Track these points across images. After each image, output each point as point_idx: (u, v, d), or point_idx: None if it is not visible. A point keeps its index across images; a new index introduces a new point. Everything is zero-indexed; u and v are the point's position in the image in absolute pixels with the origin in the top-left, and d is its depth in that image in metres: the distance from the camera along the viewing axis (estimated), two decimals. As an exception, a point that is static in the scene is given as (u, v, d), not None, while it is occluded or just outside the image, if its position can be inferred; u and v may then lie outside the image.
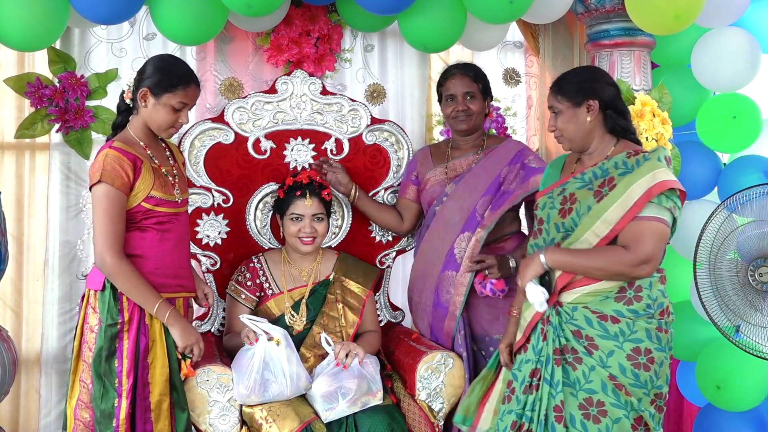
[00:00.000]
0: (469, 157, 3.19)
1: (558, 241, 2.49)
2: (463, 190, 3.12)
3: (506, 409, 2.53)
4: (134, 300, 2.53)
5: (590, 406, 2.37)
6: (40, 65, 3.23)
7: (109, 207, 2.50)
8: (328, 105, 3.31)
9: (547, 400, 2.40)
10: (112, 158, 2.51)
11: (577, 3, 3.32)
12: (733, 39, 3.35)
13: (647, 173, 2.35)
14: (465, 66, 3.22)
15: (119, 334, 2.53)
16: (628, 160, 2.43)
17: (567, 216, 2.47)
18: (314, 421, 2.70)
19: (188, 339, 2.57)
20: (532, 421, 2.42)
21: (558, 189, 2.55)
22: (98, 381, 2.53)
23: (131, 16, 2.91)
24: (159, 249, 2.59)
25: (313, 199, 3.03)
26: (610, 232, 2.37)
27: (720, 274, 3.02)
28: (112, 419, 2.52)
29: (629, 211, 2.34)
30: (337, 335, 3.02)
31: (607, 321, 2.39)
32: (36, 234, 3.32)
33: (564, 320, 2.43)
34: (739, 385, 3.27)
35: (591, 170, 2.47)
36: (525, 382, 2.47)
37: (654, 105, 3.18)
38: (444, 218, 3.12)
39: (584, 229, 2.41)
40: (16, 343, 3.06)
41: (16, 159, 3.30)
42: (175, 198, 2.64)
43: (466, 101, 3.13)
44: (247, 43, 3.48)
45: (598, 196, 2.40)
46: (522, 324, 2.56)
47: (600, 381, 2.37)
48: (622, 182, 2.37)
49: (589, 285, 2.41)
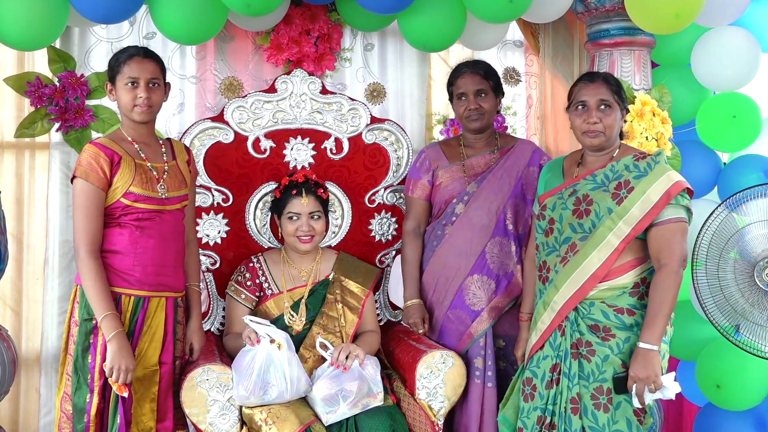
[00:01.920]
0: (486, 156, 3.18)
1: (574, 241, 2.60)
2: (488, 192, 3.10)
3: (530, 406, 2.65)
4: (89, 301, 2.52)
5: (600, 395, 2.53)
6: (40, 64, 3.23)
7: (84, 202, 2.52)
8: (328, 104, 3.31)
9: (566, 393, 2.56)
10: (89, 154, 2.55)
11: (577, 2, 3.32)
12: (733, 38, 3.35)
13: (662, 175, 2.53)
14: (475, 63, 3.19)
15: (94, 329, 2.54)
16: (638, 164, 2.58)
17: (585, 217, 2.59)
18: (314, 423, 2.70)
19: (116, 361, 2.48)
20: (554, 414, 2.58)
21: (568, 190, 2.66)
22: (75, 375, 2.56)
23: (131, 15, 2.91)
24: (138, 246, 2.59)
25: (309, 197, 3.03)
26: (632, 231, 2.52)
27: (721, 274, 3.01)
28: (83, 414, 2.53)
29: (649, 212, 2.51)
30: (336, 335, 3.02)
31: (623, 314, 2.55)
32: (36, 233, 3.32)
33: (581, 315, 2.59)
34: (739, 384, 3.27)
35: (602, 172, 2.61)
36: (546, 378, 2.61)
37: (654, 104, 3.18)
38: (470, 220, 3.10)
39: (606, 230, 2.54)
40: (16, 343, 3.06)
41: (16, 158, 3.31)
42: (158, 194, 2.63)
43: (477, 99, 3.10)
44: (246, 42, 3.49)
45: (616, 199, 2.55)
46: (540, 327, 2.66)
47: (612, 370, 2.52)
48: (639, 185, 2.53)
49: (606, 281, 2.57)
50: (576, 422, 2.53)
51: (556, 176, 2.76)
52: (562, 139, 3.97)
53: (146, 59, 2.62)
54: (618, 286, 2.57)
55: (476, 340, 3.08)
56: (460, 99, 3.13)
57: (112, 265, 2.57)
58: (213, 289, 3.21)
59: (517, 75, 4.00)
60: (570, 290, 2.59)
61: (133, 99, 2.59)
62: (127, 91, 2.59)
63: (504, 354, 3.14)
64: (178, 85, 3.40)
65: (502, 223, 3.10)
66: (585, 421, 2.54)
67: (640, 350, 2.47)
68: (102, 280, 2.52)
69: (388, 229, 3.39)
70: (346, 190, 3.33)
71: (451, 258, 3.12)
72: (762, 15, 3.43)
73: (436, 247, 3.16)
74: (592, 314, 2.57)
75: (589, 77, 2.70)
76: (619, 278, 2.57)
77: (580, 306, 2.58)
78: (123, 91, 2.60)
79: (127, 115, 2.64)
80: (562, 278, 2.61)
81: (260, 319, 2.85)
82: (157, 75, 2.63)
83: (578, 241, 2.59)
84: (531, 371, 2.68)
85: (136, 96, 2.59)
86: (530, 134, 4.03)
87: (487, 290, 3.08)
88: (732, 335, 3.04)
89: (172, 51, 3.40)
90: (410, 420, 2.87)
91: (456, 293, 3.10)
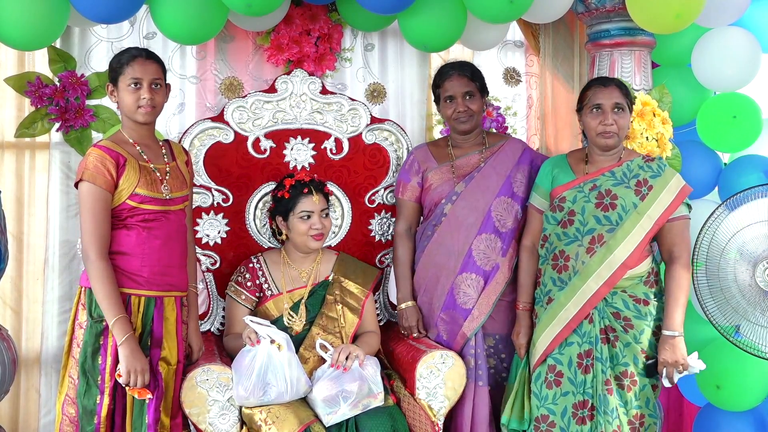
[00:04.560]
0: (474, 156, 3.19)
1: (601, 233, 2.82)
2: (476, 191, 3.12)
3: (558, 392, 2.85)
4: (99, 304, 2.52)
5: (624, 378, 2.81)
6: (40, 64, 3.23)
7: (93, 205, 2.52)
8: (328, 104, 3.31)
9: (601, 376, 2.80)
10: (94, 157, 2.55)
11: (577, 2, 3.32)
12: (733, 39, 3.35)
13: (672, 177, 2.86)
14: (461, 65, 3.20)
15: (104, 331, 2.54)
16: (651, 165, 2.88)
17: (611, 210, 2.84)
18: (314, 424, 2.70)
19: (131, 364, 2.50)
20: (593, 397, 2.81)
21: (588, 184, 2.88)
22: (83, 377, 2.55)
23: (131, 15, 2.91)
24: (145, 247, 2.60)
25: (319, 195, 3.04)
26: (654, 226, 2.80)
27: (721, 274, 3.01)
28: (93, 416, 2.53)
29: (667, 209, 2.81)
30: (336, 336, 3.02)
31: (640, 303, 2.82)
32: (36, 233, 3.32)
33: (606, 303, 2.83)
34: (739, 384, 3.27)
35: (620, 169, 2.88)
36: (574, 363, 2.83)
37: (654, 105, 3.17)
38: (457, 218, 3.11)
39: (633, 223, 2.80)
40: (16, 343, 3.06)
41: (16, 158, 3.30)
42: (162, 195, 2.63)
43: (465, 101, 3.11)
44: (247, 42, 3.48)
45: (639, 195, 2.83)
46: (564, 317, 2.84)
47: (632, 356, 2.81)
48: (657, 184, 2.83)
49: (627, 271, 2.81)
50: (612, 401, 2.79)
51: (565, 172, 2.95)
52: (562, 139, 3.97)
53: (149, 60, 2.63)
54: (636, 275, 2.83)
55: (469, 339, 3.08)
56: (447, 101, 3.14)
57: (120, 267, 2.58)
58: (213, 289, 3.21)
59: (517, 75, 4.00)
60: (601, 279, 2.80)
61: (136, 100, 2.59)
62: (130, 93, 2.59)
63: (494, 352, 3.15)
64: (178, 85, 3.40)
65: (488, 220, 3.10)
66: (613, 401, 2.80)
67: (667, 338, 2.76)
68: (112, 282, 2.52)
69: (388, 229, 3.39)
70: (346, 190, 3.33)
71: (440, 257, 3.12)
72: (762, 15, 3.43)
73: (426, 247, 3.17)
74: (615, 303, 2.83)
75: (602, 82, 2.90)
76: (638, 267, 2.82)
77: (606, 295, 2.81)
78: (126, 92, 2.60)
79: (129, 117, 2.64)
80: (592, 268, 2.81)
81: (260, 319, 2.85)
82: (159, 76, 2.64)
83: (605, 233, 2.82)
84: (554, 359, 2.86)
85: (139, 97, 2.59)
86: (530, 134, 4.02)
87: (476, 288, 3.09)
88: (732, 335, 3.04)
89: (173, 51, 3.40)
90: (410, 420, 2.87)
91: (447, 293, 3.11)
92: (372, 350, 3.06)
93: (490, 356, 3.15)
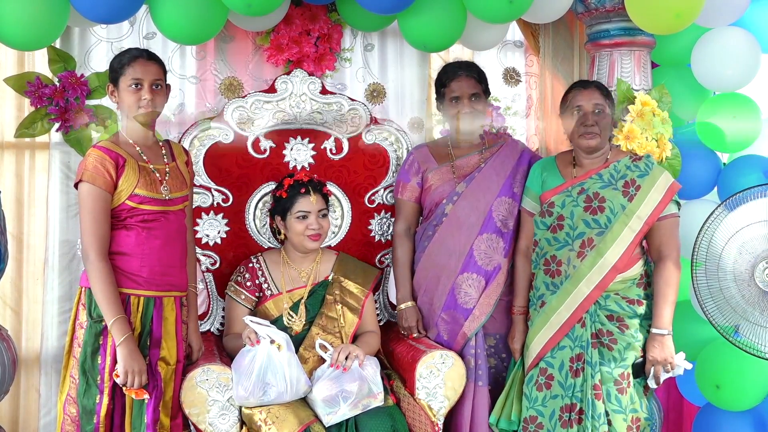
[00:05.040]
0: (474, 156, 3.19)
1: (590, 237, 2.82)
2: (477, 191, 3.12)
3: (547, 395, 2.84)
4: (99, 304, 2.53)
5: (623, 380, 2.79)
6: (40, 64, 3.23)
7: (92, 206, 2.53)
8: (328, 104, 3.31)
9: (590, 380, 2.78)
10: (94, 157, 2.55)
11: (577, 2, 3.32)
12: (733, 39, 3.34)
13: (661, 175, 2.84)
14: (469, 66, 3.21)
15: (104, 331, 2.55)
16: (638, 164, 2.87)
17: (599, 213, 2.83)
18: (313, 424, 2.70)
19: (129, 364, 2.50)
20: (581, 401, 2.80)
21: (576, 188, 2.87)
22: (83, 377, 2.56)
23: (131, 15, 2.91)
24: (145, 247, 2.60)
25: (317, 195, 3.03)
26: (644, 226, 2.80)
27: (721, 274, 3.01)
28: (92, 416, 2.54)
29: (656, 208, 2.80)
30: (335, 336, 3.02)
31: (634, 304, 2.82)
32: (36, 233, 3.32)
33: (599, 307, 2.82)
34: (739, 384, 3.26)
35: (607, 171, 2.87)
36: (565, 367, 2.82)
37: (654, 105, 3.17)
38: (458, 218, 3.11)
39: (622, 225, 2.79)
40: (16, 343, 3.06)
41: (16, 158, 3.31)
42: (162, 196, 2.64)
43: (471, 103, 3.12)
44: (247, 42, 3.48)
45: (627, 196, 2.82)
46: (555, 321, 2.83)
47: (633, 356, 2.80)
48: (645, 183, 2.82)
49: (620, 274, 2.80)
50: (599, 407, 2.77)
51: (554, 175, 2.95)
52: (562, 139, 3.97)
53: (150, 61, 2.63)
54: (629, 278, 2.83)
55: (470, 339, 3.08)
56: (453, 101, 3.14)
57: (119, 267, 2.58)
58: (213, 289, 3.22)
59: (517, 75, 4.00)
60: (592, 283, 2.79)
61: (137, 101, 2.60)
62: (131, 93, 2.60)
63: (495, 352, 3.15)
64: (178, 85, 3.40)
65: (489, 220, 3.10)
66: (608, 405, 2.77)
67: (655, 336, 2.77)
68: (112, 283, 2.53)
69: (388, 230, 3.39)
70: (345, 190, 3.34)
71: (441, 257, 3.12)
72: (762, 15, 3.42)
73: (426, 248, 3.17)
74: (608, 305, 2.82)
75: (582, 84, 2.93)
76: (630, 270, 2.82)
77: (598, 298, 2.80)
78: (127, 93, 2.60)
79: (130, 117, 2.64)
80: (583, 272, 2.81)
81: (260, 319, 2.86)
82: (160, 77, 2.65)
83: (595, 236, 2.82)
84: (546, 362, 2.86)
85: (140, 98, 2.60)
86: (530, 134, 4.02)
87: (477, 288, 3.09)
88: (731, 336, 3.04)
89: (172, 51, 3.40)
90: (410, 420, 2.87)
91: (448, 293, 3.11)
92: (372, 350, 3.06)
93: (491, 356, 3.15)
